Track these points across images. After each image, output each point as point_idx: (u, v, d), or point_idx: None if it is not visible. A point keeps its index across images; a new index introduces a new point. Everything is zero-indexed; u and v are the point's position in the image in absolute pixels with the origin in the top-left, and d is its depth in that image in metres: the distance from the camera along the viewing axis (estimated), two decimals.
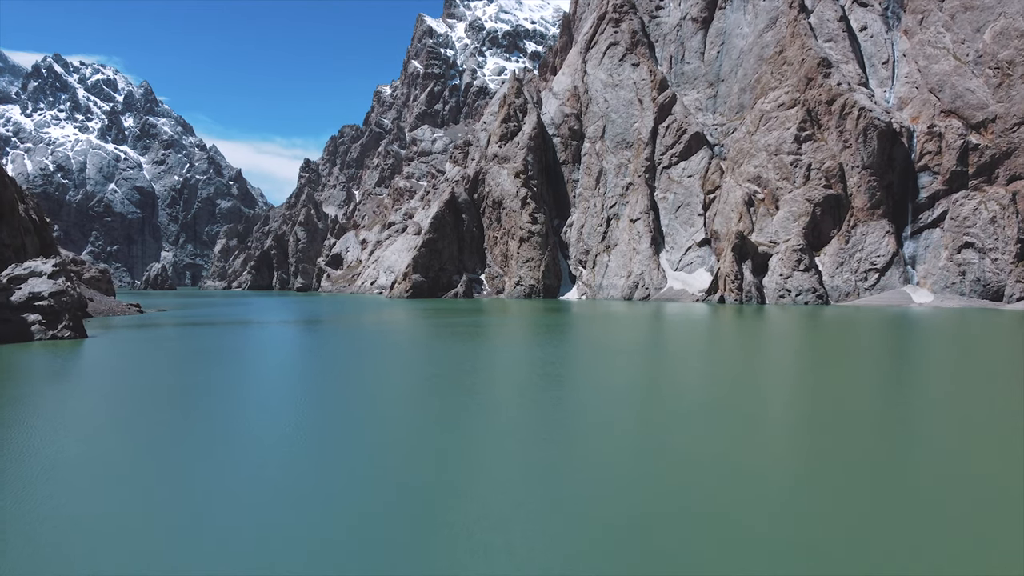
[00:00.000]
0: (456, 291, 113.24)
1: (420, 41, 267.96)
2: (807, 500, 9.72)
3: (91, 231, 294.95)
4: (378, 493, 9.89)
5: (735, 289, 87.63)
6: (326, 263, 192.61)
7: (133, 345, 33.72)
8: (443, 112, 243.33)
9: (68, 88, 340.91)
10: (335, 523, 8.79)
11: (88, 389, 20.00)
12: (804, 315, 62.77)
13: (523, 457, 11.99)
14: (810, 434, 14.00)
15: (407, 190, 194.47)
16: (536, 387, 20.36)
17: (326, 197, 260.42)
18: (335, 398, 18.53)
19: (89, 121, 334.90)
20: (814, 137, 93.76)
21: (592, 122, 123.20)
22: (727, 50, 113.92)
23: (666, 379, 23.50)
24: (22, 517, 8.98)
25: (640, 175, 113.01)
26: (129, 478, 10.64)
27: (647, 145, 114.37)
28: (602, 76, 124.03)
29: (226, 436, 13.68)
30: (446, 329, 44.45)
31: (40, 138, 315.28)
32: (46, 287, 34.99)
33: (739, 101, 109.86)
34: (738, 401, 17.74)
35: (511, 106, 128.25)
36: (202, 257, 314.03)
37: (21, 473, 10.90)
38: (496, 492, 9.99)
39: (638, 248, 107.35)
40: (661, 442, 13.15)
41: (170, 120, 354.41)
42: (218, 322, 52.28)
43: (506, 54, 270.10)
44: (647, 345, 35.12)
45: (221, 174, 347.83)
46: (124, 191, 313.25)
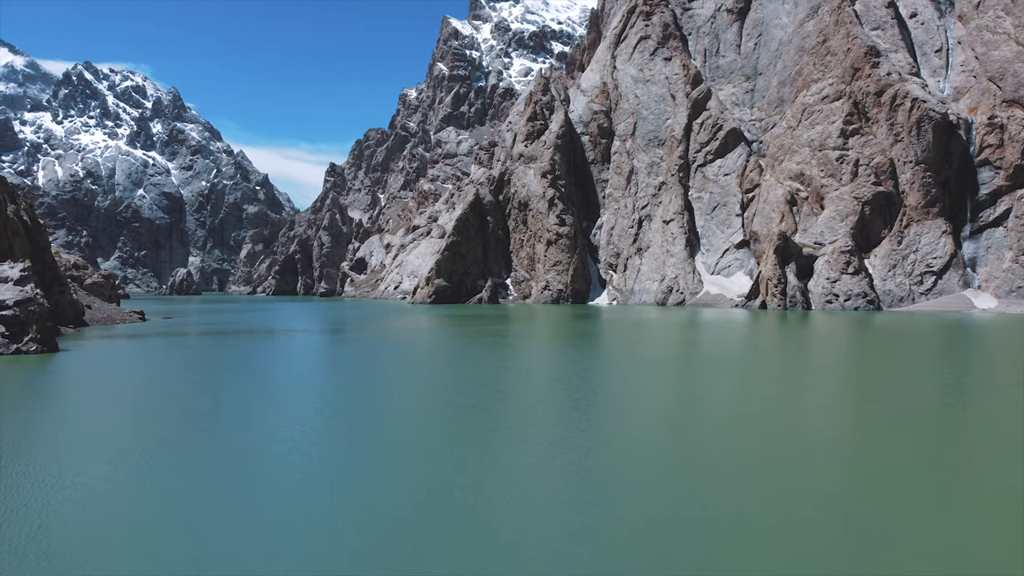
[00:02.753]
0: (480, 296, 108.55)
1: (446, 43, 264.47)
2: (853, 524, 9.24)
3: (119, 236, 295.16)
4: (407, 497, 10.08)
5: (778, 294, 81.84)
6: (350, 268, 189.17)
7: (107, 361, 29.36)
8: (468, 114, 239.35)
9: (98, 95, 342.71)
10: (364, 531, 8.90)
11: (17, 420, 15.58)
12: (855, 322, 57.05)
13: (553, 466, 11.91)
14: (864, 456, 12.94)
15: (432, 193, 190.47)
16: (566, 402, 19.07)
17: (351, 201, 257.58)
18: (345, 423, 16.38)
19: (118, 127, 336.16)
20: (862, 131, 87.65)
21: (622, 119, 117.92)
22: (765, 41, 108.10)
23: (708, 393, 21.21)
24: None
25: (673, 174, 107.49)
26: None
27: (680, 142, 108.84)
28: (632, 71, 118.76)
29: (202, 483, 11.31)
30: (471, 340, 39.65)
31: (70, 145, 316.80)
32: (11, 295, 30.80)
33: (779, 95, 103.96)
34: (787, 419, 16.54)
35: (537, 104, 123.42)
36: (229, 262, 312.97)
37: None
38: (525, 497, 10.17)
39: (672, 251, 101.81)
40: (697, 457, 12.67)
41: (198, 126, 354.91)
42: (223, 331, 48.17)
43: (532, 55, 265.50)
44: (686, 355, 30.09)
45: (248, 179, 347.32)
46: (152, 197, 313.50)
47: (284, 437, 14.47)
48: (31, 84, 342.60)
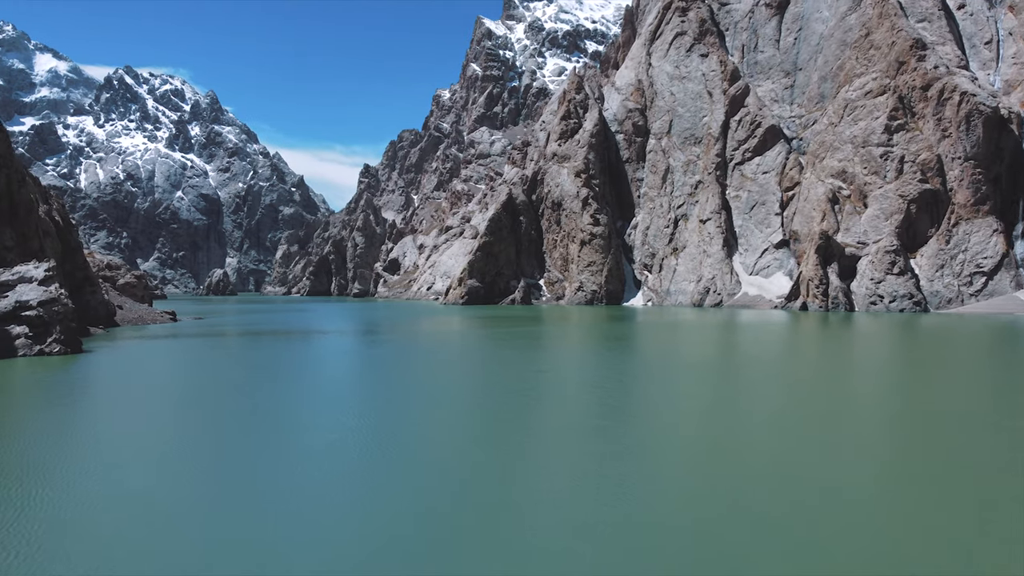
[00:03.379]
0: (513, 297, 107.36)
1: (479, 44, 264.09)
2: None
3: (158, 238, 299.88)
4: (438, 499, 10.04)
5: (819, 295, 79.34)
6: (383, 268, 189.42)
7: (129, 362, 28.69)
8: (502, 114, 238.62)
9: (138, 99, 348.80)
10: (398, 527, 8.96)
11: (32, 422, 14.64)
12: (901, 324, 54.70)
13: (589, 471, 11.71)
14: (913, 466, 12.41)
15: (465, 193, 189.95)
16: (600, 407, 18.36)
17: (385, 202, 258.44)
18: (377, 425, 16.07)
19: (158, 130, 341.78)
20: (907, 127, 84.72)
21: (657, 117, 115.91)
22: (805, 36, 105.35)
23: (749, 400, 19.97)
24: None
25: (710, 172, 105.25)
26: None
27: (717, 140, 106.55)
28: (668, 68, 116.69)
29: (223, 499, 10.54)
30: (504, 341, 38.45)
31: (111, 147, 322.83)
32: (35, 295, 30.33)
33: (819, 91, 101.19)
34: (833, 426, 15.70)
35: (571, 102, 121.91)
36: (265, 263, 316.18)
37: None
38: (556, 502, 10.10)
39: (709, 251, 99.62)
40: (734, 465, 12.17)
41: (235, 128, 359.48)
42: (252, 332, 47.65)
43: (566, 54, 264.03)
44: (727, 359, 28.44)
45: (284, 181, 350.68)
46: (190, 198, 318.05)
47: (314, 440, 14.17)
48: (74, 89, 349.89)
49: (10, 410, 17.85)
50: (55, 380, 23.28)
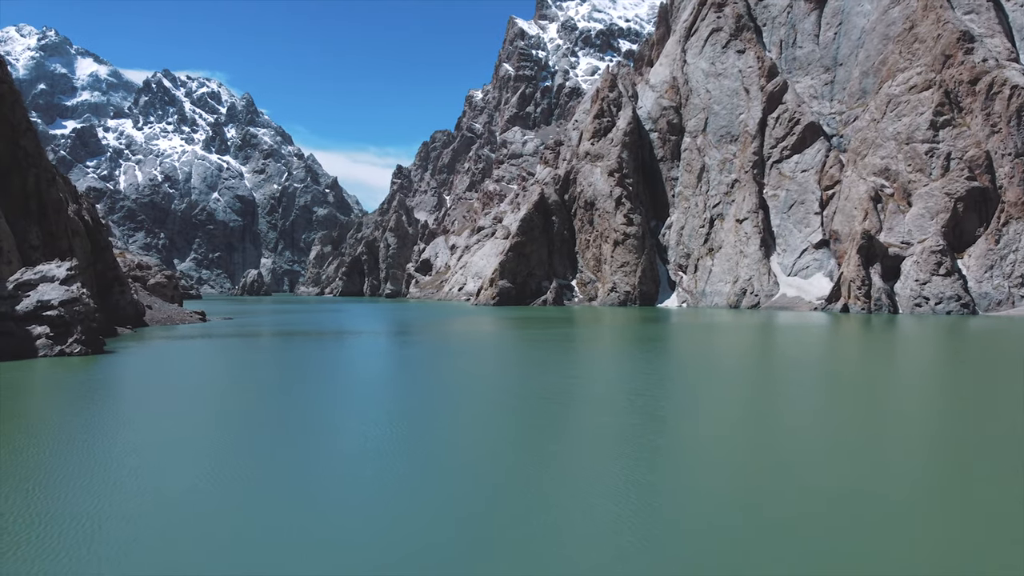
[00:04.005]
0: (545, 298, 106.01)
1: (512, 44, 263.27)
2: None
3: (195, 239, 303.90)
4: (470, 503, 9.96)
5: (861, 296, 76.79)
6: (415, 269, 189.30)
7: (150, 364, 28.01)
8: (534, 114, 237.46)
9: (176, 102, 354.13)
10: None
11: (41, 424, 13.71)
12: (950, 327, 52.33)
13: (621, 478, 11.24)
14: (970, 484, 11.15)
15: (497, 193, 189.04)
16: (634, 413, 17.37)
17: (417, 203, 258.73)
18: (408, 428, 15.80)
19: (195, 133, 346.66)
20: (954, 122, 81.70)
21: (693, 115, 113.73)
22: (846, 30, 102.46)
23: (792, 408, 18.75)
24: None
25: (747, 171, 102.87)
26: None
27: (755, 138, 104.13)
28: (703, 65, 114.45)
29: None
30: (536, 343, 37.23)
31: (150, 150, 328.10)
32: (56, 295, 29.80)
33: (861, 86, 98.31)
34: (884, 438, 14.58)
35: (604, 100, 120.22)
36: (299, 264, 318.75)
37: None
38: (589, 502, 9.98)
39: (746, 251, 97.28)
40: (773, 478, 11.30)
41: (270, 130, 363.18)
42: (281, 332, 47.10)
43: (599, 54, 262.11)
44: (768, 363, 26.72)
45: (318, 182, 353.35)
46: (226, 200, 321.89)
47: (342, 443, 13.97)
48: (114, 92, 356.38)
49: (32, 412, 17.07)
50: (73, 381, 22.59)
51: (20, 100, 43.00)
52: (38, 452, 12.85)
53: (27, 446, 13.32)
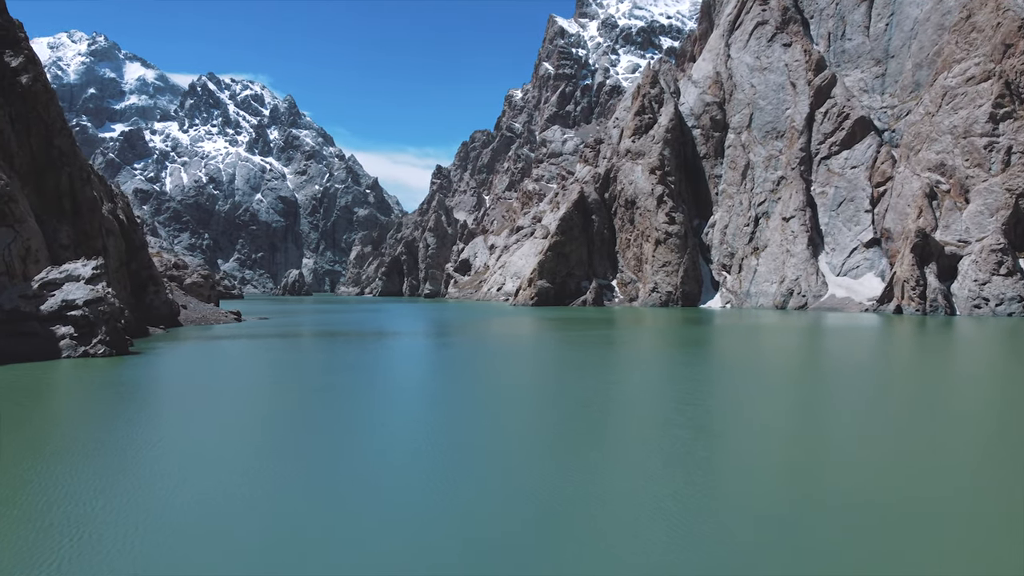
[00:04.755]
0: (584, 298, 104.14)
1: (551, 42, 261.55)
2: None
3: (238, 239, 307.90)
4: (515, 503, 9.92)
5: (916, 297, 73.53)
6: (454, 269, 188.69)
7: (175, 366, 27.10)
8: (574, 113, 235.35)
9: (220, 104, 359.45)
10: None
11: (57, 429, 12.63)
12: (1013, 330, 49.30)
13: (658, 485, 10.77)
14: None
15: (536, 193, 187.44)
16: (678, 421, 16.32)
17: (457, 203, 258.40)
18: (446, 432, 15.52)
19: (238, 135, 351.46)
20: (1015, 114, 77.86)
21: (737, 111, 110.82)
22: (898, 21, 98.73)
23: (851, 420, 16.85)
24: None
25: (794, 167, 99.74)
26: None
27: (801, 134, 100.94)
28: (748, 59, 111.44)
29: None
30: (575, 346, 35.65)
31: (195, 152, 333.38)
32: (81, 294, 29.11)
33: (914, 79, 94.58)
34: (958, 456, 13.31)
35: (645, 97, 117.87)
36: (340, 264, 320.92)
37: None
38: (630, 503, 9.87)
39: (792, 250, 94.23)
40: (824, 492, 10.45)
41: (312, 132, 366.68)
42: (316, 333, 46.27)
43: (640, 51, 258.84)
44: (822, 369, 24.58)
45: (359, 183, 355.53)
46: (269, 200, 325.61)
47: (377, 446, 13.79)
48: (160, 96, 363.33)
49: (45, 416, 16.08)
50: (87, 385, 21.71)
51: (55, 99, 42.75)
52: (40, 458, 11.72)
53: (31, 452, 12.21)
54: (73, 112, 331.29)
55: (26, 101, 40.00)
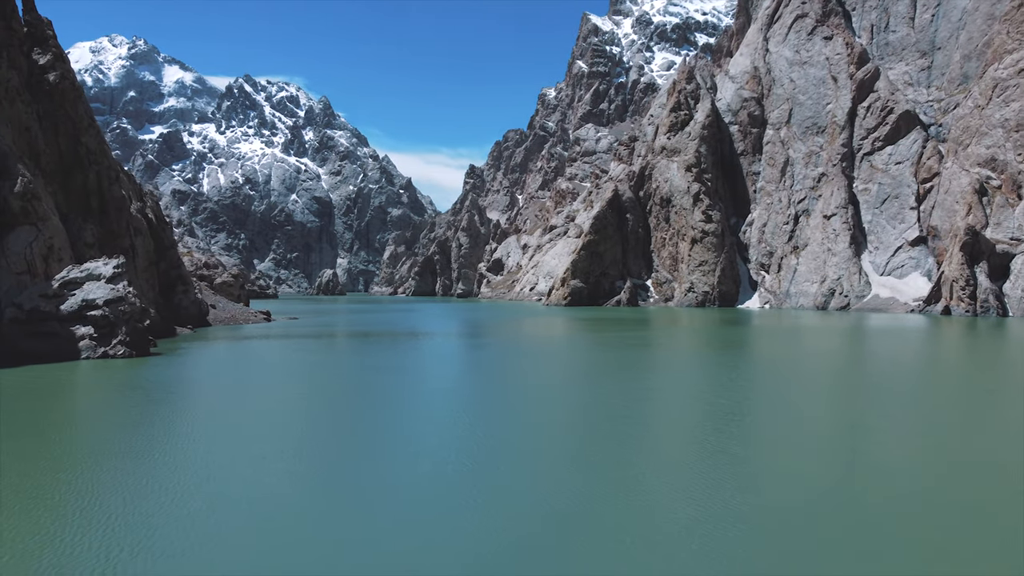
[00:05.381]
0: (619, 298, 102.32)
1: (585, 40, 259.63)
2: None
3: (273, 239, 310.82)
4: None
5: (965, 298, 70.59)
6: (487, 268, 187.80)
7: (196, 368, 26.24)
8: (608, 111, 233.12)
9: (256, 106, 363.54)
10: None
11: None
12: None
13: (699, 497, 10.17)
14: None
15: (569, 192, 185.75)
16: (718, 431, 15.21)
17: (490, 202, 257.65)
18: (476, 437, 14.87)
19: (274, 136, 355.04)
20: None
21: (776, 106, 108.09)
22: (945, 11, 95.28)
23: (907, 433, 15.12)
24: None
25: (835, 164, 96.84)
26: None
27: (843, 129, 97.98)
28: (787, 54, 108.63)
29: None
30: (610, 348, 34.23)
31: (231, 153, 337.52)
32: (102, 293, 28.44)
33: (962, 71, 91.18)
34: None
35: (681, 93, 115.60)
36: (374, 263, 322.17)
37: None
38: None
39: (834, 249, 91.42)
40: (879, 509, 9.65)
41: (346, 132, 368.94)
42: (345, 334, 45.47)
43: (675, 48, 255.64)
44: (882, 378, 22.78)
45: (392, 183, 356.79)
46: (304, 201, 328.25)
47: (405, 450, 13.54)
48: (198, 98, 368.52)
49: (63, 418, 15.19)
50: (100, 386, 20.88)
51: (82, 96, 42.45)
52: (33, 465, 10.72)
53: (22, 459, 11.23)
54: (114, 115, 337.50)
55: (54, 99, 39.70)
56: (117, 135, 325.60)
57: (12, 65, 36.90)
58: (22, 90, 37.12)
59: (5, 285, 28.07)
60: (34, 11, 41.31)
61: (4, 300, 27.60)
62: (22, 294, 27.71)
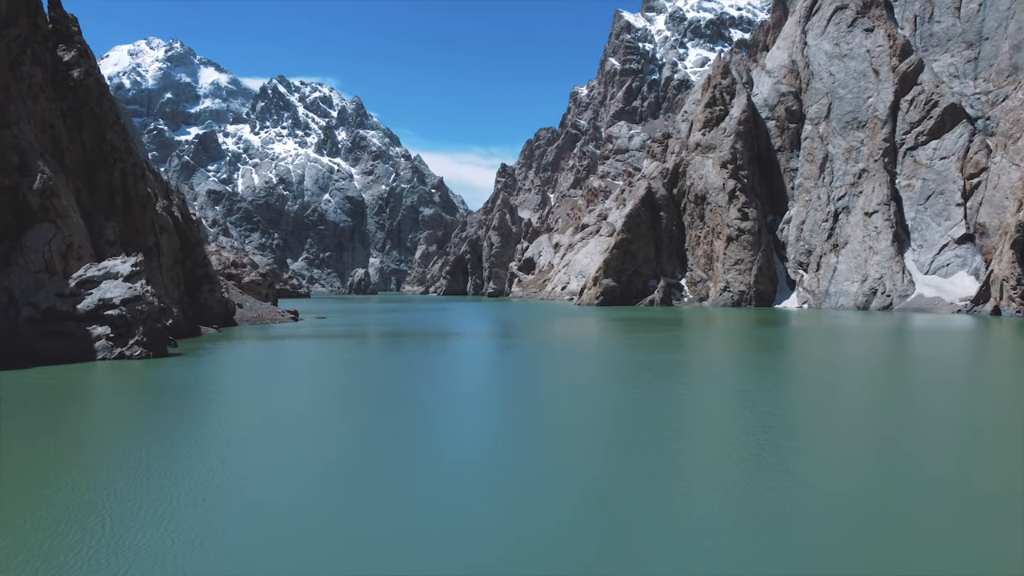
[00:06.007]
0: (652, 298, 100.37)
1: (618, 37, 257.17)
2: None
3: (306, 239, 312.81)
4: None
5: (1017, 297, 67.63)
6: (518, 268, 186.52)
7: (214, 371, 25.34)
8: (641, 109, 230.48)
9: (290, 107, 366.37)
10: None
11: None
12: None
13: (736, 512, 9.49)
14: None
15: (602, 190, 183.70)
16: (756, 440, 14.13)
17: (521, 201, 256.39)
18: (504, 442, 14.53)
19: (307, 136, 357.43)
20: None
21: (814, 100, 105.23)
22: (992, 0, 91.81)
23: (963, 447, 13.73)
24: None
25: (876, 159, 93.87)
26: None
27: (885, 123, 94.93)
28: (826, 47, 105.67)
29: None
30: (643, 349, 32.76)
31: (266, 153, 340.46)
32: (119, 292, 27.68)
33: (1011, 62, 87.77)
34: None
35: (716, 88, 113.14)
36: (406, 263, 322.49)
37: None
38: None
39: (876, 247, 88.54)
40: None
41: (378, 132, 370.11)
42: (372, 334, 44.63)
43: (709, 44, 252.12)
44: (937, 385, 21.01)
45: (424, 182, 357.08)
46: (336, 201, 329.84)
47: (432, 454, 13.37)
48: (233, 99, 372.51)
49: (65, 423, 14.26)
50: (108, 388, 20.00)
51: (107, 93, 42.02)
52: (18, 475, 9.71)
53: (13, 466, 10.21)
54: (151, 116, 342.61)
55: (78, 96, 39.27)
56: (154, 136, 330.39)
57: (36, 62, 36.48)
58: (46, 87, 36.70)
59: (23, 284, 27.46)
60: (59, 7, 40.96)
61: (21, 299, 26.99)
62: (38, 293, 27.07)
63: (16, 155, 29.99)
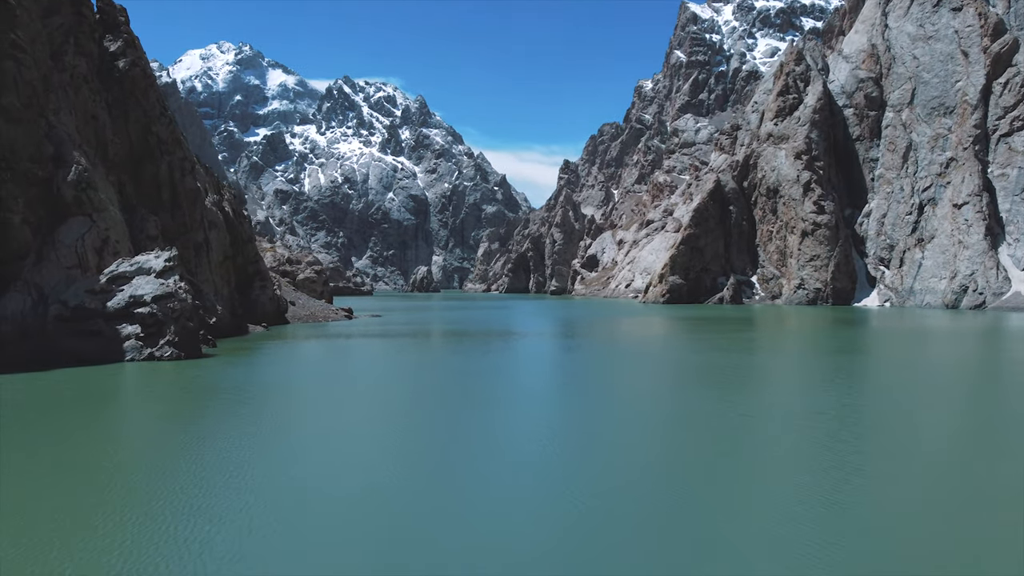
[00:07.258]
0: (721, 295, 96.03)
1: (683, 29, 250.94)
2: None
3: (370, 237, 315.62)
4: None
5: None
6: (581, 265, 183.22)
7: (248, 376, 23.36)
8: (708, 101, 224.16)
9: (355, 107, 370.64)
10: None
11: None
12: None
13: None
14: None
15: (667, 185, 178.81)
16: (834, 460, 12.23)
17: (584, 198, 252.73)
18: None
19: (372, 136, 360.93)
20: None
21: (896, 86, 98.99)
22: None
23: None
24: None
25: (966, 147, 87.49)
26: None
27: (975, 109, 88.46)
28: (909, 28, 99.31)
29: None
30: (712, 352, 29.70)
31: (331, 153, 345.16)
32: (150, 289, 26.00)
33: None
34: None
35: (789, 76, 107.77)
36: (468, 260, 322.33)
37: None
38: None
39: (966, 241, 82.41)
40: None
41: (441, 131, 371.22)
42: (429, 333, 42.62)
43: (779, 34, 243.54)
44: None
45: (487, 180, 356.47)
46: (400, 199, 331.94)
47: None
48: (300, 100, 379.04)
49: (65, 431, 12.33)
50: (118, 391, 18.11)
51: (154, 85, 40.90)
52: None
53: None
54: (221, 118, 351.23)
55: (124, 87, 38.16)
56: (224, 138, 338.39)
57: (80, 52, 35.37)
58: (91, 77, 35.59)
59: (53, 280, 26.07)
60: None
61: (51, 296, 25.58)
62: (69, 289, 25.61)
63: (52, 145, 28.71)
